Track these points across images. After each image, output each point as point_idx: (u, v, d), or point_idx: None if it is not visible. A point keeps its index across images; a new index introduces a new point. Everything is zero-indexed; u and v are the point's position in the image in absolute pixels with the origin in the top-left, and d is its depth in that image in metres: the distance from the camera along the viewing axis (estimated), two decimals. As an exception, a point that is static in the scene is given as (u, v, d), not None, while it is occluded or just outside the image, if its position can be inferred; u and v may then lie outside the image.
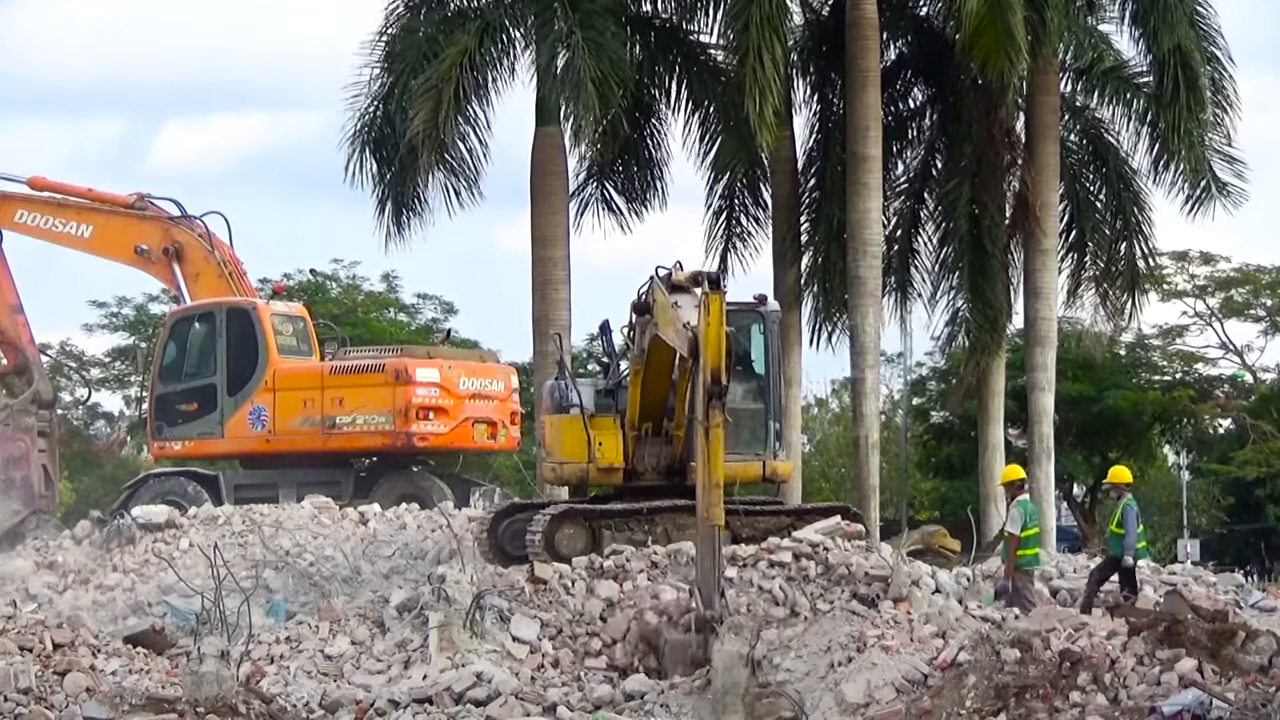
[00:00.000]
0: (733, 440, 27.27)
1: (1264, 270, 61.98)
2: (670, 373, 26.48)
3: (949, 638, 21.12)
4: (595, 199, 39.91)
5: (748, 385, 27.90)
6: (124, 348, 61.55)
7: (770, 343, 28.01)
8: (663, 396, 27.37)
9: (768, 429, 27.80)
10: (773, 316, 28.15)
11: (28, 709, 20.46)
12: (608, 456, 27.66)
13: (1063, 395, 45.64)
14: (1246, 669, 17.89)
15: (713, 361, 22.26)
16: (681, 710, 20.69)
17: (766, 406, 27.86)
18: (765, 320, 27.96)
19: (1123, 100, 40.90)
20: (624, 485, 27.73)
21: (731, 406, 27.26)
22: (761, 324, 27.95)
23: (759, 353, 28.06)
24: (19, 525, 32.82)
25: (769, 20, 35.52)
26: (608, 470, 27.77)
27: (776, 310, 28.58)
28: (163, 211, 34.06)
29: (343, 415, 31.81)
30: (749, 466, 27.70)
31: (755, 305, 28.05)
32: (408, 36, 38.18)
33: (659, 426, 27.52)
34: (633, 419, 27.54)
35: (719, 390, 22.28)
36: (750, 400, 27.84)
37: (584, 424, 27.42)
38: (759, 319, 27.95)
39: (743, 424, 27.49)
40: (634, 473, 27.88)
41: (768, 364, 28.00)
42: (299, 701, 21.66)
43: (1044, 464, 38.83)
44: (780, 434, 28.19)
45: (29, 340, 35.03)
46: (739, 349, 26.30)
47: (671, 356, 25.61)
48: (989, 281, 39.45)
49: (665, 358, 25.85)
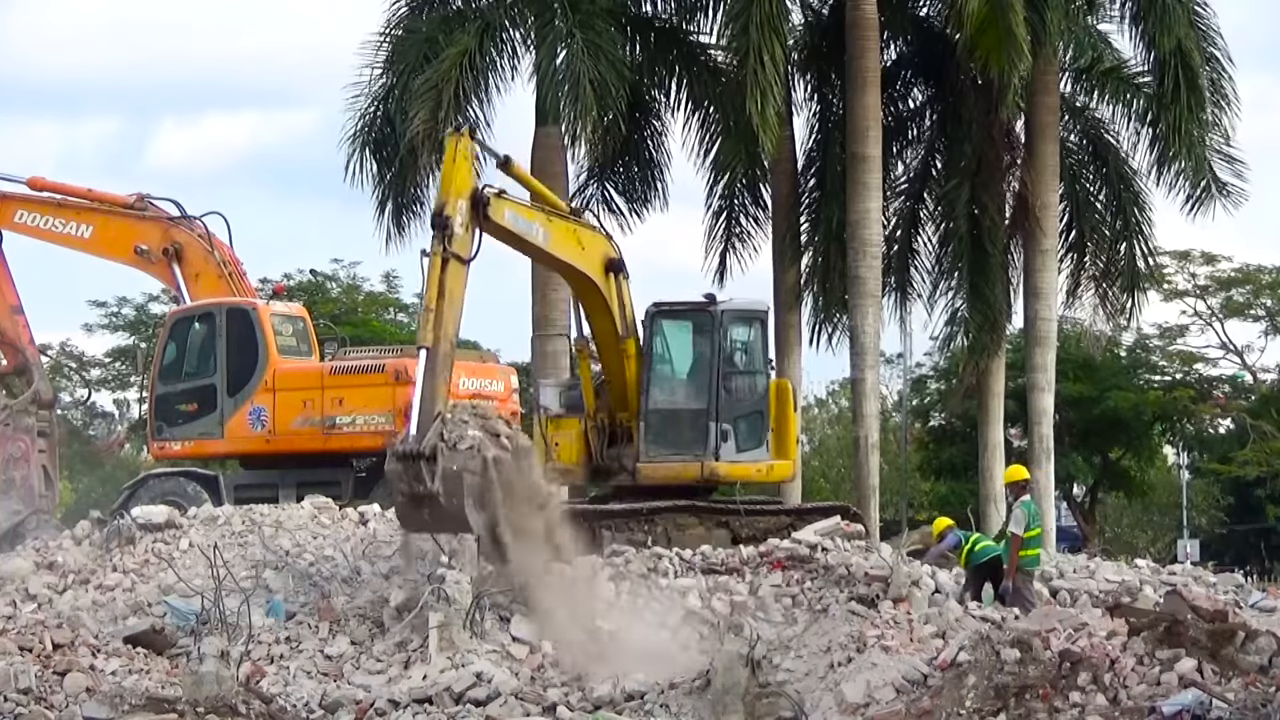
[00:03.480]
0: (672, 440, 27.39)
1: (1265, 270, 61.99)
2: (612, 342, 27.13)
3: (949, 638, 21.12)
4: (595, 199, 39.93)
5: (690, 385, 27.82)
6: (124, 348, 61.54)
7: (717, 343, 27.81)
8: (616, 383, 27.53)
9: (708, 430, 27.55)
10: (722, 316, 27.91)
11: (28, 709, 20.46)
12: (564, 457, 27.83)
13: (1063, 395, 45.67)
14: (1246, 669, 17.88)
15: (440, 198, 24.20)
16: (681, 710, 20.68)
17: (708, 407, 27.63)
18: (714, 320, 27.84)
19: (1123, 100, 40.92)
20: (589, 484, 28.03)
21: (671, 406, 27.44)
22: (710, 324, 27.84)
23: (705, 353, 27.95)
24: (19, 525, 32.75)
25: (769, 20, 35.54)
26: (564, 471, 28.04)
27: (728, 310, 28.16)
28: (162, 212, 33.99)
29: (343, 415, 31.77)
30: (687, 468, 27.65)
31: (705, 304, 27.96)
32: (408, 36, 38.19)
33: (614, 419, 27.67)
34: (589, 410, 27.68)
35: (439, 222, 23.92)
36: (691, 400, 27.74)
37: (540, 425, 27.87)
38: (708, 319, 27.86)
39: (682, 424, 27.51)
40: (602, 471, 27.97)
41: (714, 364, 27.80)
42: (299, 701, 21.67)
43: (1044, 464, 38.85)
44: (729, 435, 27.69)
45: (29, 341, 34.98)
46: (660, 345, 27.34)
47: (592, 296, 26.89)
48: (989, 282, 39.45)
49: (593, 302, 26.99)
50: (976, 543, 25.69)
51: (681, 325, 28.06)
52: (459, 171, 24.34)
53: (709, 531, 27.28)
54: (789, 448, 28.44)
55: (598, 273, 27.01)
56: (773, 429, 28.25)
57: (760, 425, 28.12)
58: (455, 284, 24.01)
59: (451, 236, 23.85)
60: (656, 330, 27.93)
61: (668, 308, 28.19)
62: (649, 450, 27.54)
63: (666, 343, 28.03)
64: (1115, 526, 65.80)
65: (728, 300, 28.48)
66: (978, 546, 25.60)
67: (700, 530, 27.27)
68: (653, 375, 27.73)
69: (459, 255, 23.98)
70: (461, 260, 24.04)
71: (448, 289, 23.87)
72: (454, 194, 24.09)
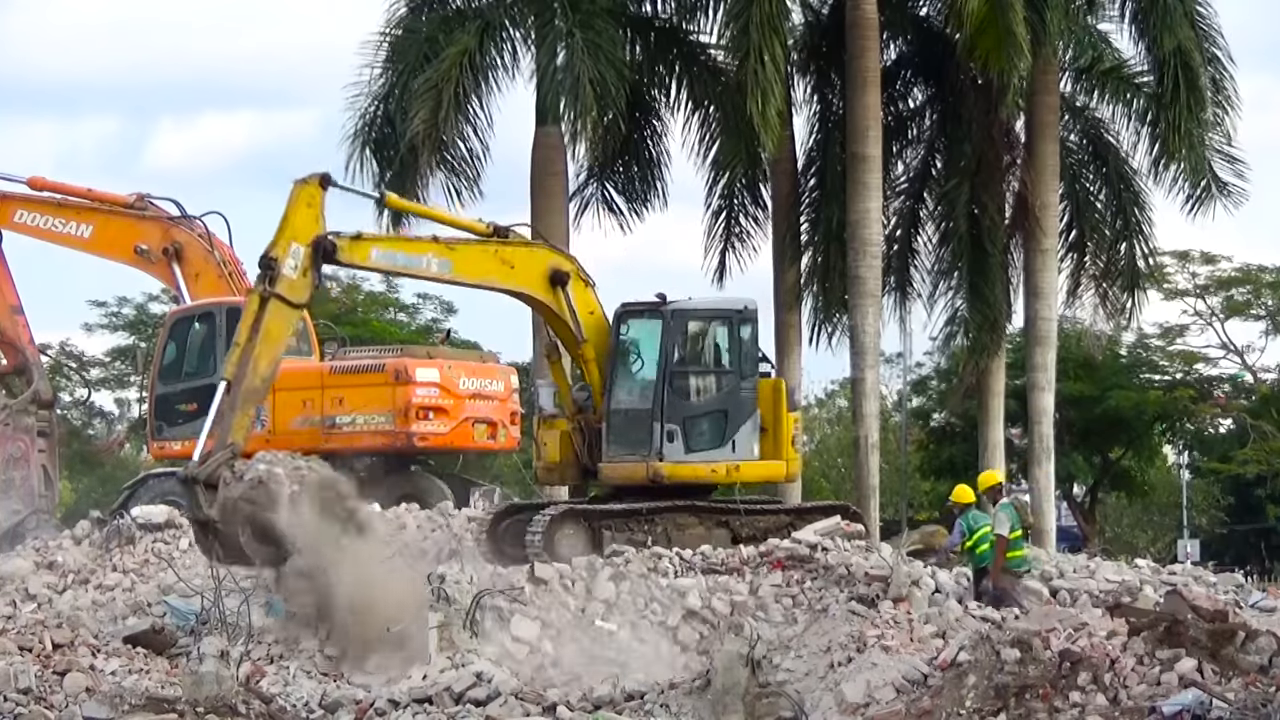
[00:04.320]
0: (628, 440, 27.49)
1: (1265, 270, 61.97)
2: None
3: (949, 638, 21.14)
4: (595, 199, 39.93)
5: (642, 385, 27.81)
6: (124, 348, 61.51)
7: (666, 342, 27.76)
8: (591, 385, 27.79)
9: (652, 430, 27.49)
10: (671, 317, 27.82)
11: (28, 709, 20.48)
12: (550, 456, 27.93)
13: (1063, 395, 45.64)
14: (1246, 669, 17.89)
15: (271, 241, 25.01)
16: (681, 710, 20.69)
17: (653, 407, 27.58)
18: (664, 320, 27.81)
19: (1123, 100, 40.88)
20: (580, 482, 28.16)
21: (626, 406, 27.63)
22: (661, 324, 27.81)
23: (653, 353, 27.94)
24: (19, 525, 32.78)
25: (769, 20, 35.52)
26: (550, 469, 28.33)
27: (679, 310, 28.01)
28: (162, 211, 34.01)
29: (343, 415, 31.78)
30: (634, 469, 27.66)
31: (656, 305, 27.95)
32: (408, 36, 38.18)
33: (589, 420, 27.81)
34: (568, 412, 27.82)
35: (263, 263, 25.04)
36: (640, 400, 27.74)
37: (536, 426, 28.17)
38: (659, 319, 27.84)
39: (630, 424, 27.54)
40: (589, 471, 28.04)
41: (662, 364, 27.75)
42: (299, 701, 21.67)
43: (1044, 464, 38.84)
44: (675, 435, 27.53)
45: (29, 341, 35.00)
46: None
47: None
48: (988, 281, 39.42)
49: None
50: (979, 544, 25.65)
51: (640, 326, 28.08)
52: (297, 217, 25.25)
53: (709, 531, 27.29)
54: (783, 448, 28.23)
55: (536, 288, 27.34)
56: (765, 429, 28.11)
57: (721, 426, 27.89)
58: (276, 324, 24.98)
59: (275, 278, 24.87)
60: (623, 331, 27.99)
61: (632, 308, 28.19)
62: (609, 450, 27.69)
63: (629, 343, 28.07)
64: (1115, 526, 65.78)
65: (682, 300, 28.27)
66: (978, 549, 25.55)
67: (700, 530, 27.27)
68: (615, 375, 27.82)
69: (282, 296, 24.89)
70: (286, 301, 24.95)
71: (265, 327, 24.83)
72: (286, 238, 25.05)
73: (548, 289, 27.35)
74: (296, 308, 25.40)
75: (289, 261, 24.96)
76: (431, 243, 26.84)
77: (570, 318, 27.36)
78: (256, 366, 24.79)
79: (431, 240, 26.94)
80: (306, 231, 25.19)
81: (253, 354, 24.69)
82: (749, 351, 28.30)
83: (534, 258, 27.44)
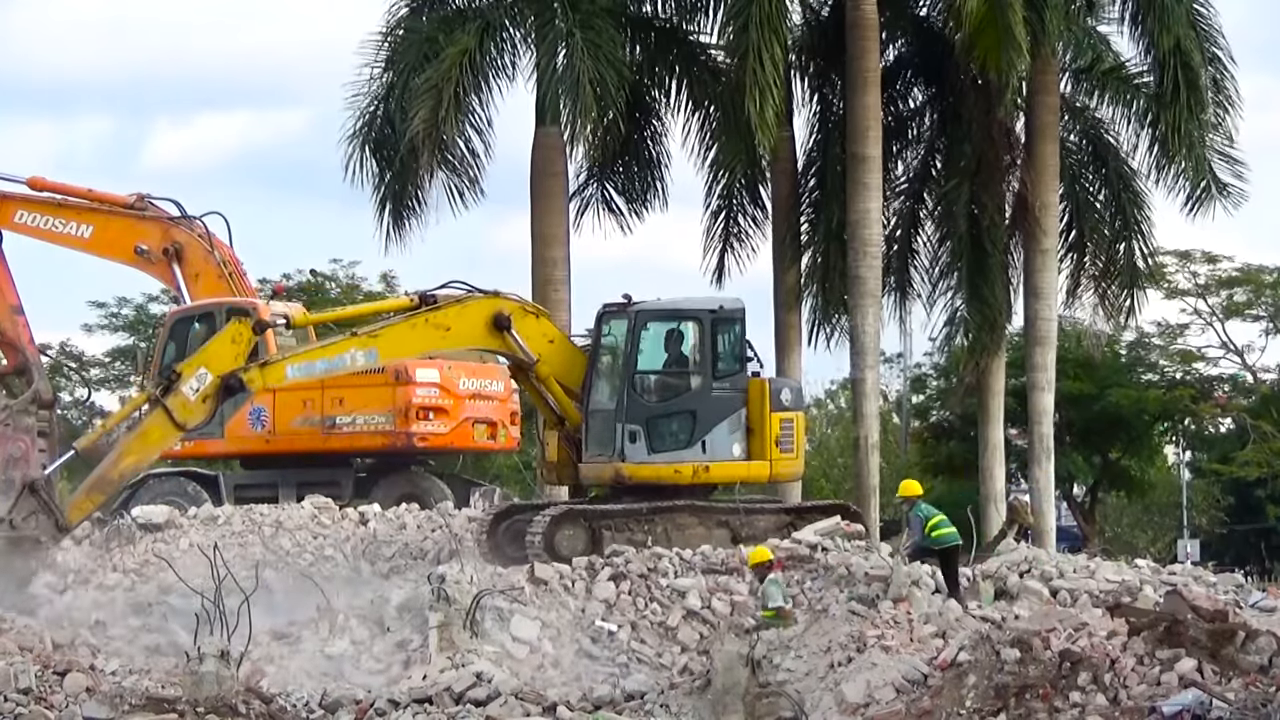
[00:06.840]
0: (599, 441, 27.62)
1: (1265, 270, 61.97)
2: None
3: (949, 638, 21.14)
4: (595, 199, 39.92)
5: (610, 386, 27.80)
6: (124, 348, 61.54)
7: (629, 343, 27.69)
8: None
9: (615, 431, 27.45)
10: (636, 317, 27.77)
11: (28, 709, 20.47)
12: (549, 455, 28.10)
13: (1063, 394, 45.60)
14: (1246, 669, 17.90)
15: (188, 358, 26.50)
16: (681, 710, 20.72)
17: (615, 409, 27.54)
18: (629, 321, 27.78)
19: (1122, 100, 40.89)
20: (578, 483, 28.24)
21: (596, 407, 28.00)
22: (627, 324, 27.78)
23: (620, 353, 27.91)
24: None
25: (769, 20, 35.54)
26: (551, 468, 28.46)
27: (643, 310, 27.95)
28: (162, 212, 33.98)
29: (343, 415, 31.82)
30: (601, 470, 27.73)
31: (623, 305, 27.92)
32: (408, 36, 38.19)
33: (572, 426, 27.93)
34: (552, 421, 27.91)
35: (165, 372, 26.44)
36: (605, 401, 27.74)
37: (538, 426, 28.33)
38: (625, 319, 27.80)
39: (602, 425, 27.58)
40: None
41: (626, 365, 27.70)
42: (299, 701, 21.67)
43: (1044, 464, 38.85)
44: (638, 436, 27.43)
45: (29, 341, 34.93)
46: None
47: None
48: (988, 281, 39.43)
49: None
50: (934, 529, 25.33)
51: (616, 326, 28.08)
52: (218, 347, 26.19)
53: (709, 531, 27.28)
54: (766, 448, 28.01)
55: (478, 341, 27.71)
56: (750, 429, 28.04)
57: (689, 426, 27.75)
58: (156, 432, 25.91)
59: (169, 390, 25.66)
60: (604, 332, 28.02)
61: (609, 309, 28.19)
62: (588, 451, 27.74)
63: (605, 344, 28.07)
64: (1115, 526, 65.72)
65: (648, 300, 28.19)
66: (934, 534, 25.26)
67: (700, 530, 27.27)
68: (593, 376, 27.83)
69: (169, 410, 25.66)
70: (171, 418, 25.68)
71: (145, 429, 25.91)
72: (198, 362, 25.98)
73: (490, 337, 27.51)
74: (178, 428, 25.95)
75: (191, 382, 25.66)
76: (351, 339, 27.10)
77: (522, 354, 27.45)
78: (120, 462, 25.68)
79: (350, 337, 27.18)
80: (220, 364, 25.89)
81: (122, 447, 25.49)
82: (727, 351, 28.06)
83: (467, 314, 27.39)
